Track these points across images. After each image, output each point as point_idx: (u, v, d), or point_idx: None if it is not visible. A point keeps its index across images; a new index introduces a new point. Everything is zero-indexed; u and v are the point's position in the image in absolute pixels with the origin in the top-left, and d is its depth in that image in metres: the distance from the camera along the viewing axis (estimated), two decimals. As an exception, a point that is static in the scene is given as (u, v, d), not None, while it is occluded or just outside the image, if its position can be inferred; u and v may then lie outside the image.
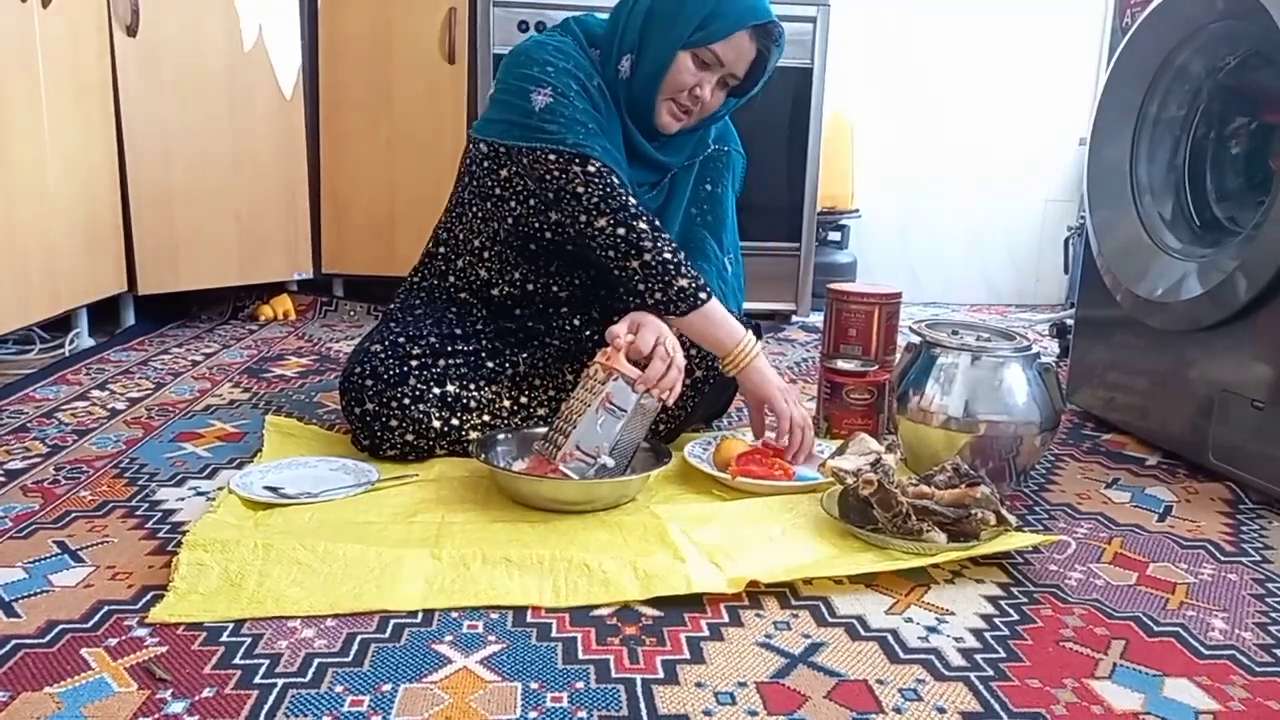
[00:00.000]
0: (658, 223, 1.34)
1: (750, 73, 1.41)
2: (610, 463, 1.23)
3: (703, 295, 1.32)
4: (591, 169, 1.31)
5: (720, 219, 1.52)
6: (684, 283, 1.31)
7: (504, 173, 1.40)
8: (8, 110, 1.81)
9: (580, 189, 1.31)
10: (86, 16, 2.07)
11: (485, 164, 1.42)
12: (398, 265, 1.59)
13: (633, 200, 1.32)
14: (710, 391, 1.51)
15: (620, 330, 1.28)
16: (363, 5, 2.57)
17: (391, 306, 1.54)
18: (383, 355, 1.39)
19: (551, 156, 1.32)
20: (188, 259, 2.37)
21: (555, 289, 1.49)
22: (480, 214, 1.45)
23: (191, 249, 2.37)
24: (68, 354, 2.08)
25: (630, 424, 1.25)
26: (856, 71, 3.16)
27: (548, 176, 1.33)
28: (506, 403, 1.44)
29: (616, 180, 1.32)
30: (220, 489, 1.25)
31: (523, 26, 2.49)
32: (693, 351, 1.42)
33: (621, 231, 1.31)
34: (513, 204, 1.41)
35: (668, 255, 1.31)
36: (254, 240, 2.50)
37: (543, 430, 1.32)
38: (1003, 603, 1.02)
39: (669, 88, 1.38)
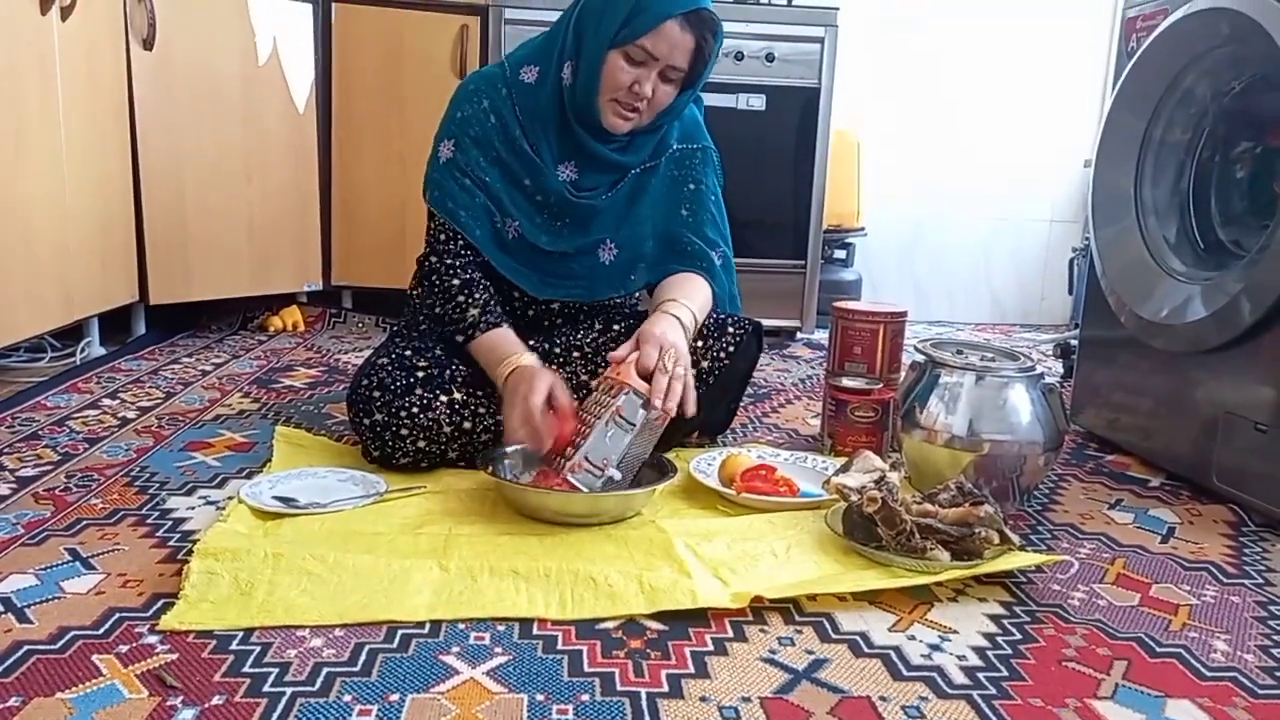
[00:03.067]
0: (470, 289, 1.41)
1: (694, 63, 1.39)
2: (617, 475, 1.24)
3: (467, 335, 1.40)
4: (441, 239, 1.44)
5: (704, 215, 1.53)
6: (469, 319, 1.39)
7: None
8: (25, 120, 1.84)
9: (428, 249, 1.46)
10: (104, 30, 2.10)
11: None
12: (407, 278, 1.60)
13: (456, 277, 1.42)
14: (710, 396, 1.50)
15: (622, 352, 1.30)
16: (375, 21, 2.59)
17: (398, 323, 1.56)
18: (390, 368, 1.40)
19: (433, 210, 1.47)
20: (199, 269, 2.39)
21: (550, 304, 1.53)
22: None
23: (203, 260, 2.39)
24: (79, 362, 2.09)
25: (638, 438, 1.26)
26: (863, 90, 3.17)
27: (430, 225, 1.48)
28: None
29: (452, 261, 1.43)
30: (230, 498, 1.26)
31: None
32: (698, 344, 1.46)
33: (436, 281, 1.43)
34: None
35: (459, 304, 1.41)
36: (265, 252, 2.52)
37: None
38: (1005, 622, 1.03)
39: (607, 88, 1.38)
